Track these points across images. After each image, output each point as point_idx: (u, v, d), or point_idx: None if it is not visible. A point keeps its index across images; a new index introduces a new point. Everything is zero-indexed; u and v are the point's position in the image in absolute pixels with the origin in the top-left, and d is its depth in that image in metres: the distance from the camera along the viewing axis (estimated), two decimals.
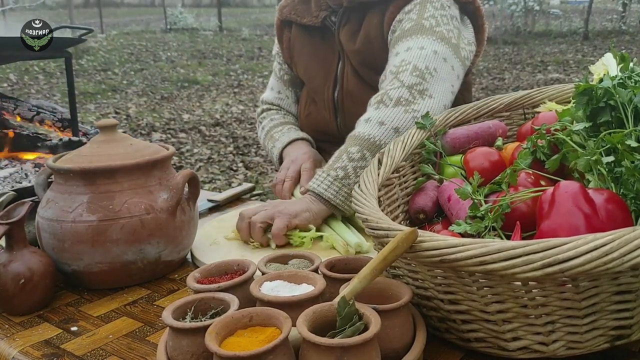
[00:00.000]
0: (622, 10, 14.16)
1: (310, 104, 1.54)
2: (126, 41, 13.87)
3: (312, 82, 1.51)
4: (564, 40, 12.87)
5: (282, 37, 1.57)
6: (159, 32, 16.35)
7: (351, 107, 1.42)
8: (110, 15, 23.04)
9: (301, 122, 1.58)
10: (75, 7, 20.25)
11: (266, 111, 1.63)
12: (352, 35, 1.41)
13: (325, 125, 1.50)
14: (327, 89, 1.47)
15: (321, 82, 1.48)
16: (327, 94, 1.47)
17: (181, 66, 10.43)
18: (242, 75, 9.60)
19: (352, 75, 1.42)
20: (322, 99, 1.48)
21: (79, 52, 10.71)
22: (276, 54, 1.62)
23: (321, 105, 1.49)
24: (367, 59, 1.39)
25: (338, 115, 1.47)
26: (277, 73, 1.63)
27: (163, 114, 6.82)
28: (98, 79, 9.17)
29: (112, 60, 10.99)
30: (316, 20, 1.45)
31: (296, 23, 1.51)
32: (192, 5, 29.32)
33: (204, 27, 17.13)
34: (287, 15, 1.51)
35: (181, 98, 7.86)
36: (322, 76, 1.47)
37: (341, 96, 1.44)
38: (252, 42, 14.09)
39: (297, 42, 1.53)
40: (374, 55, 1.38)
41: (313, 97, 1.52)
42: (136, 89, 8.45)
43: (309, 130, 1.55)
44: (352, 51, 1.40)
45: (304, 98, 1.57)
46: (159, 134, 5.87)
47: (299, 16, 1.48)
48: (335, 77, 1.46)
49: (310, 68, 1.50)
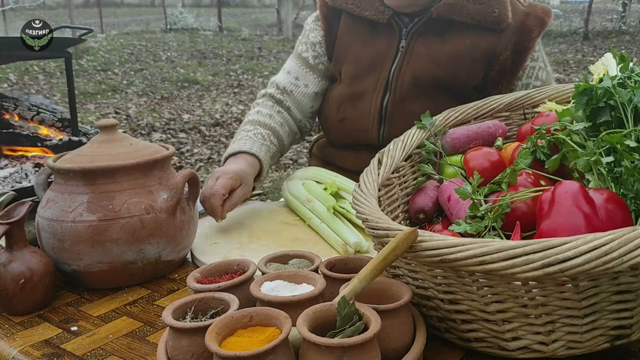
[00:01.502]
0: (622, 10, 14.16)
1: (347, 108, 1.40)
2: (126, 41, 13.87)
3: (357, 84, 1.38)
4: (564, 40, 12.86)
5: (327, 25, 1.44)
6: (159, 32, 16.35)
7: (400, 117, 1.31)
8: (110, 15, 23.03)
9: (330, 124, 1.44)
10: (75, 7, 20.25)
11: (266, 97, 1.50)
12: (430, 44, 1.32)
13: (363, 135, 1.37)
14: (376, 94, 1.35)
15: (370, 85, 1.36)
16: (374, 100, 1.35)
17: (181, 66, 10.43)
18: (242, 75, 9.60)
19: (409, 82, 1.32)
20: (367, 105, 1.36)
21: (79, 52, 10.71)
22: (315, 44, 1.48)
23: (363, 112, 1.36)
24: (448, 75, 1.31)
25: (383, 125, 1.36)
26: (306, 59, 1.48)
27: (163, 114, 6.82)
28: (98, 79, 9.17)
29: (112, 60, 10.98)
30: (382, 17, 1.34)
31: (350, 14, 1.39)
32: (192, 5, 29.31)
33: (204, 27, 17.12)
34: (342, 3, 1.39)
35: (181, 98, 7.86)
36: (372, 79, 1.36)
37: (392, 104, 1.34)
38: (252, 42, 14.09)
39: (347, 36, 1.41)
40: (456, 73, 1.31)
41: (353, 101, 1.38)
42: (136, 89, 8.45)
43: (341, 137, 1.43)
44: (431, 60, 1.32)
45: (338, 99, 1.43)
46: (159, 134, 5.87)
47: (358, 7, 1.37)
48: (387, 82, 1.35)
49: (358, 68, 1.38)
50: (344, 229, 1.15)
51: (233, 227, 1.26)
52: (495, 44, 1.32)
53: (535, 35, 1.33)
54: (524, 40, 1.32)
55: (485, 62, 1.33)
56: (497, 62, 1.33)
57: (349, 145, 1.44)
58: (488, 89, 1.35)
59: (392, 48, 1.36)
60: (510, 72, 1.34)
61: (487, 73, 1.34)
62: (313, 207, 1.25)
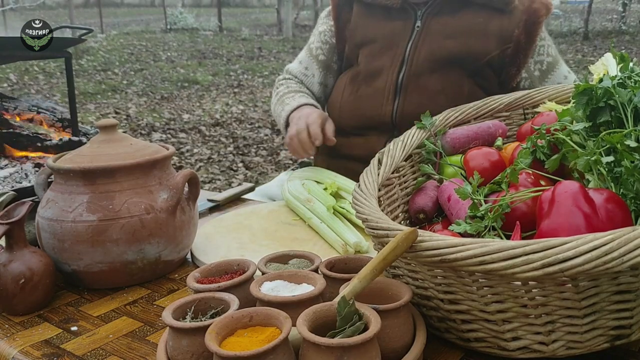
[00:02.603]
0: (622, 10, 14.16)
1: (362, 86, 1.47)
2: (126, 41, 13.87)
3: (374, 62, 1.46)
4: (564, 40, 12.86)
5: (339, 16, 1.53)
6: (159, 32, 16.35)
7: (414, 92, 1.39)
8: (110, 15, 23.04)
9: (343, 102, 1.51)
10: (75, 7, 20.23)
11: (286, 79, 1.62)
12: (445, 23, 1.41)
13: (377, 110, 1.43)
14: (392, 69, 1.42)
15: (387, 62, 1.43)
16: (390, 75, 1.42)
17: (181, 66, 10.43)
18: (242, 75, 9.60)
19: (424, 59, 1.40)
20: (384, 80, 1.43)
21: (79, 52, 10.71)
22: (321, 33, 1.59)
23: (380, 87, 1.43)
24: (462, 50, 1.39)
25: (398, 98, 1.42)
26: (313, 51, 1.60)
27: (163, 114, 6.82)
28: (98, 79, 9.17)
29: (112, 60, 10.99)
30: (395, 1, 1.43)
31: (363, 2, 1.49)
32: (192, 5, 29.31)
33: (204, 27, 17.13)
34: None
35: (181, 98, 7.86)
36: (389, 57, 1.44)
37: (407, 79, 1.41)
38: (252, 42, 14.09)
39: (361, 22, 1.50)
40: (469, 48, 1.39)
41: (370, 78, 1.46)
42: (136, 89, 8.45)
43: (351, 113, 1.48)
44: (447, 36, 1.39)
45: (353, 79, 1.50)
46: (159, 134, 5.87)
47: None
48: (403, 58, 1.42)
49: (375, 48, 1.46)
50: (344, 229, 1.15)
51: (233, 227, 1.26)
52: (506, 23, 1.41)
53: (542, 14, 1.40)
54: (534, 19, 1.40)
55: (498, 39, 1.40)
56: (512, 40, 1.40)
57: (358, 129, 1.48)
58: (506, 67, 1.42)
59: (407, 28, 1.44)
60: (526, 46, 1.41)
61: (503, 51, 1.40)
62: (313, 207, 1.25)
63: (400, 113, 1.40)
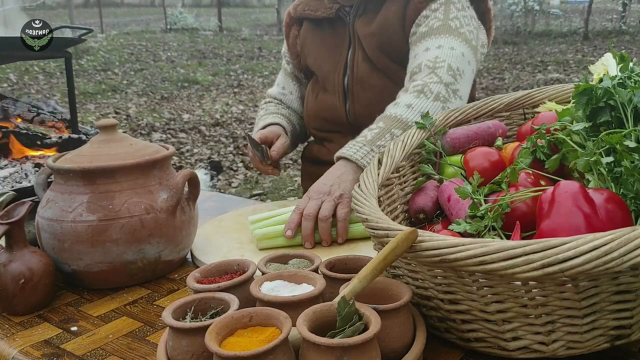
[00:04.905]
0: (622, 10, 14.17)
1: (319, 92, 1.58)
2: (126, 41, 13.87)
3: (322, 69, 1.56)
4: (564, 40, 12.87)
5: (289, 34, 1.65)
6: (159, 32, 16.35)
7: (360, 93, 1.48)
8: (110, 15, 23.04)
9: (309, 109, 1.62)
10: (75, 7, 20.24)
11: (267, 103, 1.71)
12: (369, 21, 1.46)
13: (334, 111, 1.53)
14: (337, 75, 1.51)
15: (331, 68, 1.53)
16: (337, 80, 1.51)
17: (181, 66, 10.43)
18: (242, 75, 9.61)
19: (362, 62, 1.47)
20: (332, 85, 1.53)
21: (79, 52, 10.71)
22: (285, 52, 1.70)
23: (331, 91, 1.53)
24: (383, 42, 1.44)
25: (347, 100, 1.51)
26: (286, 69, 1.71)
27: (163, 114, 6.82)
28: (98, 79, 9.17)
29: (112, 60, 10.99)
30: (330, 12, 1.51)
31: (308, 18, 1.58)
32: (192, 5, 29.30)
33: (204, 27, 17.12)
34: (301, 12, 1.59)
35: (181, 98, 7.86)
36: (333, 63, 1.53)
37: (351, 82, 1.49)
38: (252, 42, 14.10)
39: (309, 35, 1.60)
40: (389, 39, 1.43)
41: (323, 84, 1.57)
42: (136, 89, 8.45)
43: (316, 118, 1.59)
44: (367, 34, 1.45)
45: (313, 87, 1.62)
46: (159, 134, 5.88)
47: (313, 10, 1.55)
48: (345, 64, 1.51)
49: (320, 57, 1.56)
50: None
51: (233, 227, 1.26)
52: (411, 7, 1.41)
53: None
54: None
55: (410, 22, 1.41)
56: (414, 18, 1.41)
57: (326, 132, 1.58)
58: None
59: (345, 37, 1.51)
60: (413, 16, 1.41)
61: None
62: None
63: (353, 114, 1.49)
